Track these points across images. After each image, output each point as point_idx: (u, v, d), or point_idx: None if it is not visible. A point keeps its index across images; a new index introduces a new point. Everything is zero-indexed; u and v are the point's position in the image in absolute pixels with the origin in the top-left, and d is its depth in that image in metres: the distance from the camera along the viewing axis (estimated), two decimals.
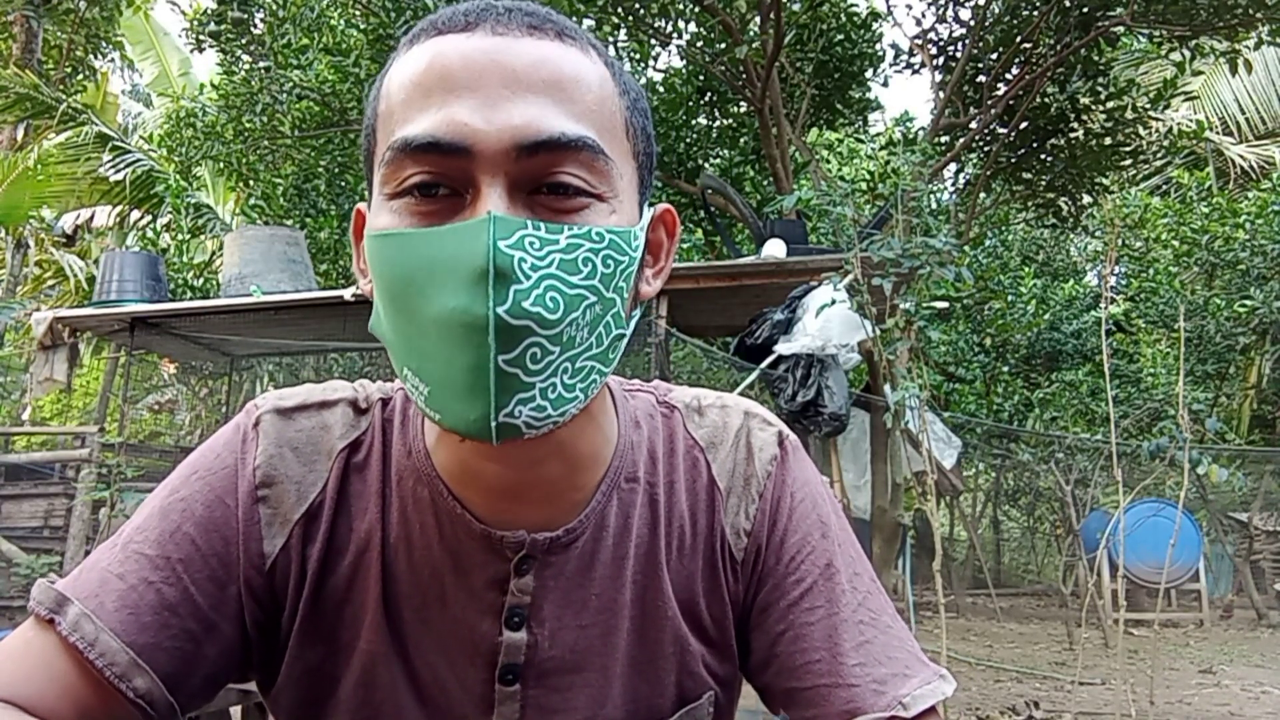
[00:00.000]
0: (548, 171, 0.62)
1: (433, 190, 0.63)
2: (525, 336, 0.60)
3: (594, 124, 0.64)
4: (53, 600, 0.68)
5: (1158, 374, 10.02)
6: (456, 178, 0.62)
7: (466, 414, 0.61)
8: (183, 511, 0.71)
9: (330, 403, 0.76)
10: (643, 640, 0.75)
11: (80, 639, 0.66)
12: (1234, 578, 10.86)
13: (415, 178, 0.62)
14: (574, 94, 0.64)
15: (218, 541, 0.71)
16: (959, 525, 13.46)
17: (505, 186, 0.62)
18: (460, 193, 0.62)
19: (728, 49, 7.12)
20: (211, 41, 8.04)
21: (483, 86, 0.62)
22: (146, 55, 14.65)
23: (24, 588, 8.09)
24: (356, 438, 0.75)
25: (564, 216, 0.63)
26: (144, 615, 0.67)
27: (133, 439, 10.62)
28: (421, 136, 0.61)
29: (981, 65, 7.75)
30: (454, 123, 0.61)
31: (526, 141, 0.61)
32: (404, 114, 0.63)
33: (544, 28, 0.65)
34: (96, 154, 10.06)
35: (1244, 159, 12.93)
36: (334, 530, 0.73)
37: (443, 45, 0.64)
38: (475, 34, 0.63)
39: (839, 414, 4.75)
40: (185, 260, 8.85)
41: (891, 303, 4.31)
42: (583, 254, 0.62)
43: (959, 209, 8.33)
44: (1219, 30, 6.85)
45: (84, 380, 12.77)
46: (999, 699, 5.94)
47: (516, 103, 0.62)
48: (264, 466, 0.72)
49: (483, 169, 0.61)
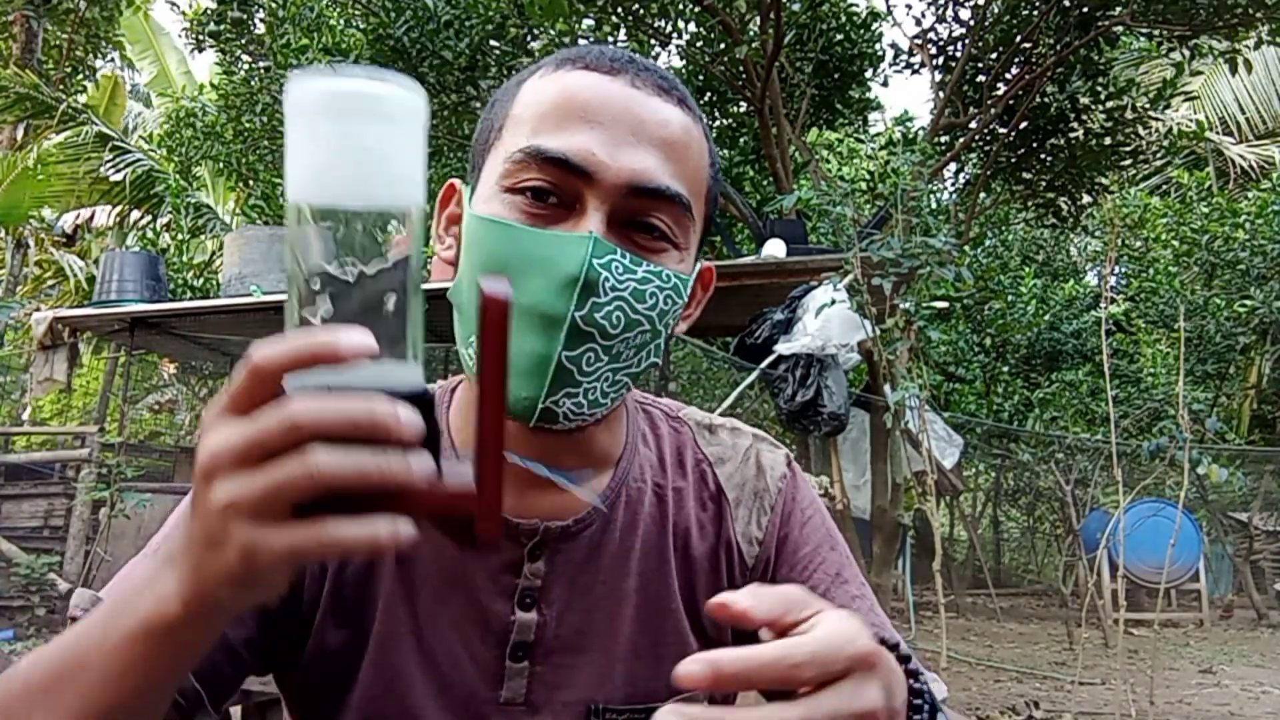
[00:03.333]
0: (645, 212, 0.73)
1: (545, 196, 0.72)
2: (588, 341, 0.70)
3: (689, 185, 0.75)
4: (88, 601, 0.72)
5: (1158, 374, 10.02)
6: (569, 193, 0.72)
7: (518, 392, 0.70)
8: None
9: None
10: (645, 628, 0.80)
11: None
12: (1234, 578, 10.86)
13: (535, 181, 0.72)
14: (683, 156, 0.75)
15: None
16: (959, 525, 13.45)
17: (607, 214, 0.71)
18: (567, 207, 0.72)
19: (727, 49, 7.12)
20: (211, 41, 8.04)
21: (615, 127, 0.72)
22: (145, 55, 14.67)
23: (24, 588, 8.08)
24: None
25: (646, 254, 0.73)
26: None
27: (133, 439, 10.63)
28: (555, 151, 0.71)
29: (981, 65, 7.75)
30: (584, 149, 0.71)
31: (638, 184, 0.71)
32: (540, 126, 0.73)
33: (671, 92, 0.76)
34: (96, 154, 10.06)
35: (1244, 159, 12.93)
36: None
37: (589, 81, 0.74)
38: (618, 80, 0.74)
39: (838, 414, 4.75)
40: (185, 260, 8.85)
41: (891, 303, 4.31)
42: (651, 288, 0.72)
43: (959, 209, 8.33)
44: (1219, 30, 6.85)
45: (84, 380, 12.77)
46: (999, 699, 5.94)
47: (639, 149, 0.72)
48: None
49: (594, 194, 0.71)
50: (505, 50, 7.36)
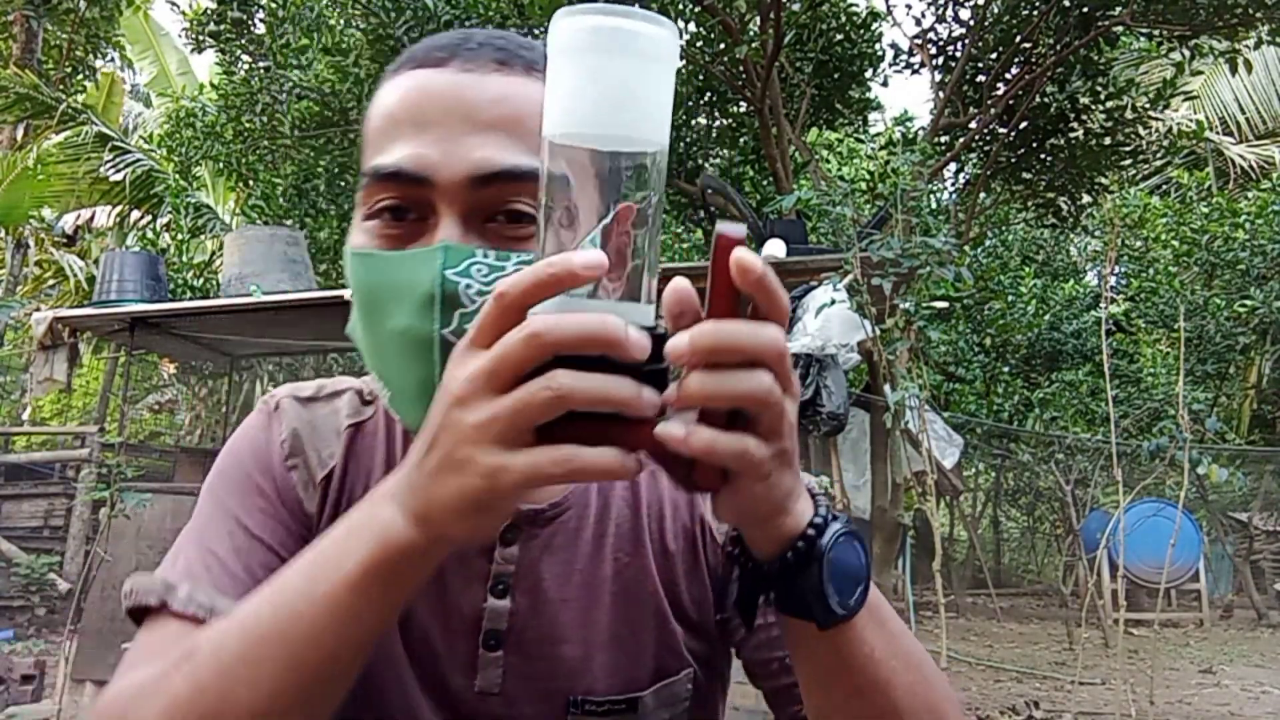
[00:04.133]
0: (502, 201, 0.68)
1: (403, 214, 0.69)
2: None
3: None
4: (159, 586, 0.71)
5: (1158, 374, 10.02)
6: (421, 204, 0.69)
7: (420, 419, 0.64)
8: (239, 488, 0.77)
9: (339, 392, 0.84)
10: (624, 615, 0.78)
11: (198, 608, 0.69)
12: (1234, 578, 10.86)
13: (385, 202, 0.69)
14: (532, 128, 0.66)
15: (278, 504, 0.77)
16: (959, 525, 13.45)
17: (460, 215, 0.68)
18: (425, 219, 0.69)
19: (728, 49, 7.12)
20: (211, 41, 8.05)
21: (446, 122, 0.68)
22: (145, 55, 14.67)
23: (24, 588, 8.09)
24: (361, 421, 0.82)
25: (516, 244, 0.68)
26: (248, 577, 0.71)
27: (133, 439, 10.63)
28: (388, 167, 0.68)
29: (981, 65, 7.75)
30: (418, 155, 0.68)
31: (480, 173, 0.67)
32: (378, 143, 0.71)
33: (512, 63, 0.71)
34: (96, 154, 10.05)
35: (1244, 159, 12.93)
36: (350, 497, 0.79)
37: (415, 81, 0.71)
38: (446, 70, 0.70)
39: (837, 413, 4.75)
40: (185, 260, 8.85)
41: (891, 303, 4.31)
42: None
43: (959, 209, 8.32)
44: (1219, 30, 6.85)
45: (84, 380, 12.77)
46: (999, 699, 5.94)
47: (475, 137, 0.68)
48: (289, 439, 0.80)
49: (441, 199, 0.68)
50: None
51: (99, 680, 5.01)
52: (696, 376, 0.48)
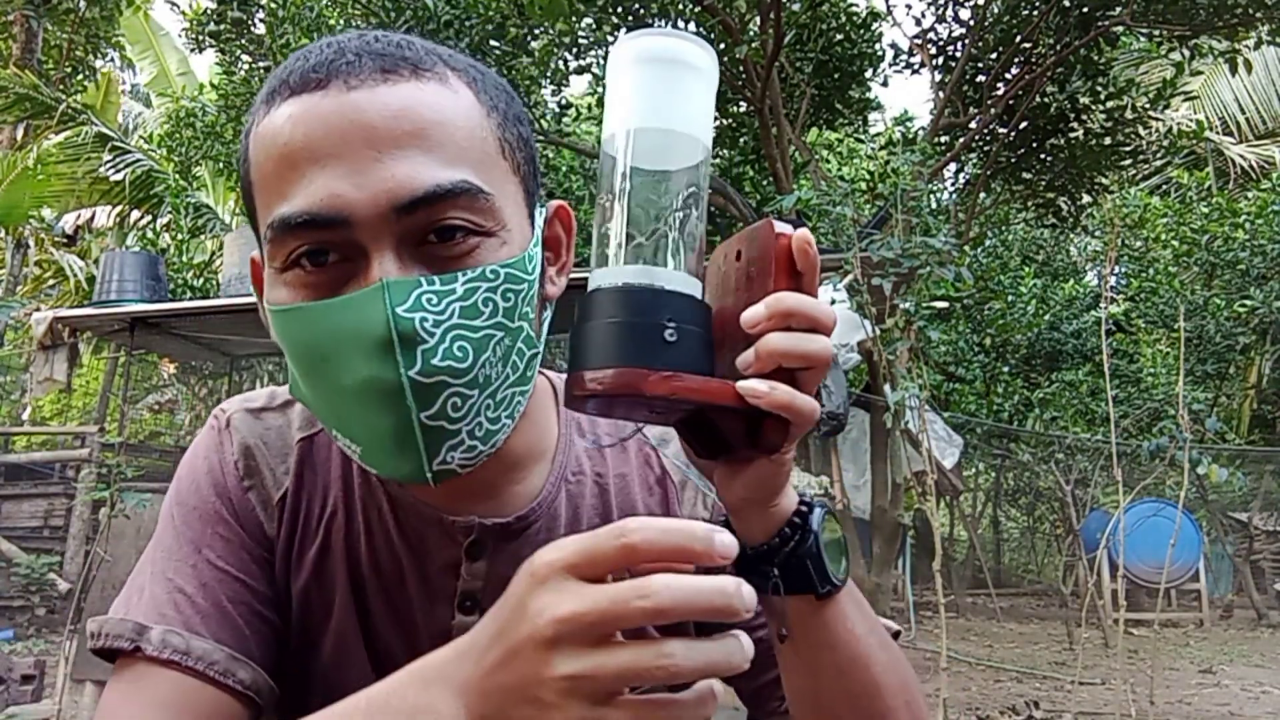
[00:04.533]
0: (431, 222, 0.62)
1: (322, 258, 0.63)
2: (442, 391, 0.61)
3: (469, 161, 0.64)
4: (130, 629, 0.68)
5: (1158, 374, 10.01)
6: (342, 245, 0.62)
7: (400, 469, 0.64)
8: (199, 516, 0.74)
9: (291, 402, 0.80)
10: None
11: (173, 652, 0.67)
12: (1234, 578, 10.86)
13: (301, 248, 0.62)
14: (442, 138, 0.63)
15: (239, 530, 0.74)
16: (959, 525, 13.45)
17: (392, 246, 0.61)
18: (351, 258, 0.62)
19: (727, 49, 7.12)
20: (211, 41, 8.04)
21: (348, 151, 0.61)
22: (145, 55, 14.66)
23: (24, 588, 8.09)
24: (314, 433, 0.78)
25: (456, 262, 0.63)
26: (219, 613, 0.70)
27: (133, 439, 10.63)
28: (298, 215, 0.61)
29: (981, 65, 7.74)
30: (328, 195, 0.61)
31: (402, 201, 0.61)
32: (277, 187, 0.63)
33: (398, 69, 0.64)
34: (96, 154, 10.05)
35: (1244, 159, 12.92)
36: (305, 516, 0.76)
37: (300, 108, 0.63)
38: (330, 91, 0.62)
39: (837, 414, 4.76)
40: (185, 260, 8.85)
41: (891, 303, 4.30)
42: (481, 296, 0.63)
43: (959, 209, 8.32)
44: (1219, 30, 6.85)
45: (84, 380, 12.76)
46: (999, 699, 5.94)
47: (385, 162, 0.61)
48: (242, 459, 0.76)
49: (366, 235, 0.61)
50: (505, 50, 7.36)
51: (99, 680, 5.01)
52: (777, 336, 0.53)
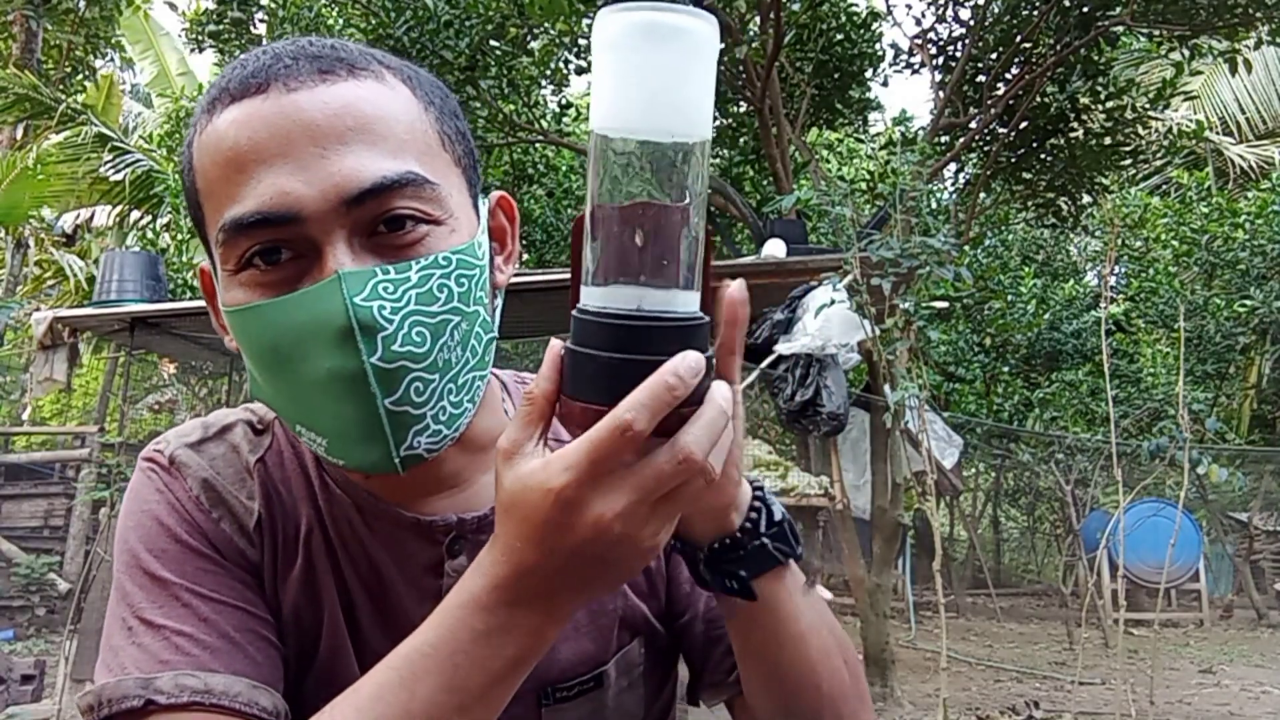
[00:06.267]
0: (381, 212, 0.64)
1: (275, 256, 0.64)
2: (404, 376, 0.63)
3: (412, 153, 0.66)
4: (135, 686, 0.65)
5: (1158, 374, 10.02)
6: (295, 242, 0.64)
7: (368, 456, 0.65)
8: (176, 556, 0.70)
9: (229, 426, 0.78)
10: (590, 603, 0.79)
11: (191, 693, 0.64)
12: (1234, 578, 10.85)
13: (254, 248, 0.64)
14: (384, 131, 0.65)
15: (222, 560, 0.72)
16: (959, 525, 13.45)
17: (344, 239, 0.63)
18: (304, 254, 0.64)
19: (727, 49, 7.12)
20: (211, 41, 8.04)
21: (293, 150, 0.63)
22: (145, 55, 14.66)
23: (24, 588, 8.08)
24: (263, 453, 0.77)
25: (407, 251, 0.65)
26: (228, 645, 0.67)
27: (133, 439, 10.61)
28: (249, 215, 0.63)
29: (981, 65, 7.74)
30: (277, 193, 0.62)
31: (351, 194, 0.63)
32: (225, 191, 0.64)
33: (335, 70, 0.66)
34: (96, 154, 10.05)
35: (1244, 159, 12.92)
36: (282, 538, 0.75)
37: (243, 113, 0.64)
38: (270, 95, 0.64)
39: (837, 413, 4.75)
40: (185, 260, 8.84)
41: (891, 303, 4.30)
42: (436, 282, 0.65)
43: (959, 209, 8.32)
44: (1219, 30, 6.85)
45: (84, 380, 12.77)
46: (999, 699, 5.94)
47: (331, 158, 0.63)
48: (203, 492, 0.73)
49: (317, 230, 0.63)
50: (505, 50, 7.36)
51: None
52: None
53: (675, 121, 0.50)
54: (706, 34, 0.50)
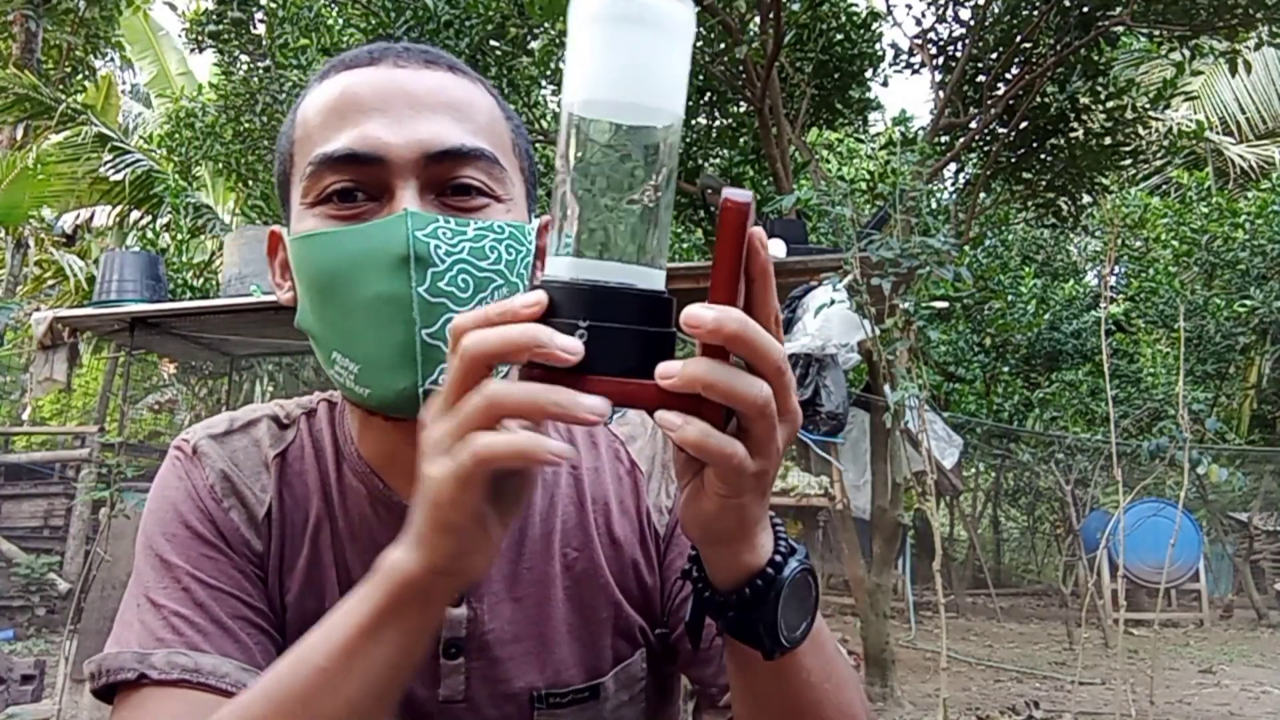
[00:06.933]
0: (452, 175, 0.72)
1: (352, 196, 0.71)
2: (443, 313, 0.68)
3: (488, 139, 0.74)
4: (131, 658, 0.69)
5: (1158, 374, 10.02)
6: (372, 185, 0.71)
7: (395, 384, 0.69)
8: (184, 541, 0.75)
9: (254, 421, 0.82)
10: (578, 609, 0.80)
11: (181, 671, 0.68)
12: (1234, 578, 10.85)
13: (335, 185, 0.71)
14: (469, 114, 0.74)
15: (226, 549, 0.76)
16: (959, 525, 13.45)
17: (417, 189, 0.70)
18: (376, 198, 0.71)
19: (727, 49, 7.12)
20: (211, 42, 8.04)
21: (391, 107, 0.72)
22: (145, 55, 14.66)
23: (24, 588, 8.08)
24: (285, 448, 0.81)
25: (467, 214, 0.72)
26: (220, 630, 0.71)
27: (133, 439, 10.62)
28: (340, 150, 0.70)
29: (981, 65, 7.74)
30: (368, 137, 0.71)
31: (433, 150, 0.71)
32: (322, 134, 0.72)
33: (438, 62, 0.76)
34: (96, 154, 10.04)
35: (1244, 159, 12.93)
36: (289, 530, 0.78)
37: (352, 77, 0.74)
38: (380, 67, 0.74)
39: (836, 413, 4.75)
40: (185, 260, 8.85)
41: (891, 303, 4.30)
42: (489, 242, 0.71)
43: (959, 209, 8.32)
44: (1219, 30, 6.84)
45: (84, 380, 12.77)
46: (999, 699, 5.94)
47: (421, 120, 0.72)
48: (219, 482, 0.78)
49: (396, 175, 0.70)
50: (505, 50, 7.36)
51: None
52: (703, 364, 0.48)
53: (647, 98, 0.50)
54: (682, 15, 0.51)
